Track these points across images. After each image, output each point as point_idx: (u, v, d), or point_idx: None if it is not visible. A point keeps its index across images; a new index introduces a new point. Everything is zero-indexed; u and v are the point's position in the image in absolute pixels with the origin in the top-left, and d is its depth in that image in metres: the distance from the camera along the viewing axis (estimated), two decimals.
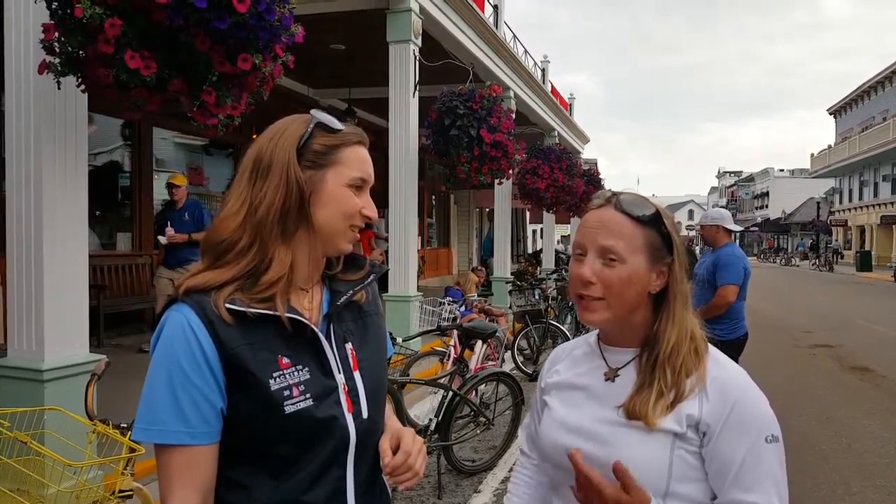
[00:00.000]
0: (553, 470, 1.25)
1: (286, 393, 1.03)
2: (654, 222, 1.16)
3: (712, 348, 1.20)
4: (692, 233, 44.80)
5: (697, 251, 12.82)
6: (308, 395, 1.05)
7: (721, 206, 6.15)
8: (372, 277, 1.20)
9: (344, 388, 1.11)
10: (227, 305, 1.02)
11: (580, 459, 1.10)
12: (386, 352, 1.26)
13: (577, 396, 1.23)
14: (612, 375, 1.20)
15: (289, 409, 1.03)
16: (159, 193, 8.80)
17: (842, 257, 36.61)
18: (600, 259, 1.15)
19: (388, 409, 1.24)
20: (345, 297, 1.15)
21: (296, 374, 1.05)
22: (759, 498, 1.07)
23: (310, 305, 1.13)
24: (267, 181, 1.07)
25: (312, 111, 1.13)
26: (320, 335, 1.09)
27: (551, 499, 1.28)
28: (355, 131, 1.14)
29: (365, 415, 1.13)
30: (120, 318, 7.20)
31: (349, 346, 1.14)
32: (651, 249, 1.15)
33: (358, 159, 1.12)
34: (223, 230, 1.06)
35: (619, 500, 1.06)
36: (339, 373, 1.11)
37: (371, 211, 1.13)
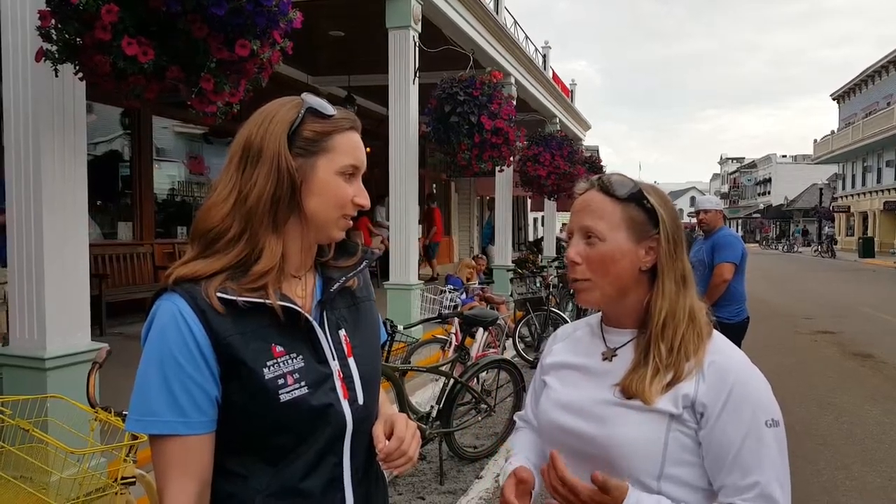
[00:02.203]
0: (549, 449, 1.26)
1: (280, 381, 1.02)
2: (635, 198, 1.16)
3: (716, 333, 1.19)
4: (693, 220, 44.58)
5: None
6: (303, 383, 1.04)
7: (717, 194, 6.21)
8: (364, 264, 1.19)
9: (339, 375, 1.10)
10: (219, 294, 1.00)
11: (560, 462, 1.10)
12: (379, 338, 1.25)
13: (575, 376, 1.24)
14: (609, 355, 1.20)
15: (284, 397, 1.02)
16: (160, 183, 8.79)
17: (835, 243, 36.49)
18: (584, 240, 1.17)
19: (382, 395, 1.23)
20: (337, 283, 1.13)
21: (290, 362, 1.04)
22: (758, 483, 1.05)
23: (302, 293, 1.12)
24: (257, 168, 1.04)
25: (304, 95, 1.11)
26: (314, 323, 1.08)
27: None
28: (347, 116, 1.11)
29: (361, 401, 1.12)
30: (122, 306, 7.21)
31: (342, 332, 1.14)
32: (632, 225, 1.16)
33: (350, 146, 1.10)
34: (212, 218, 1.04)
35: (594, 498, 1.07)
36: (334, 359, 1.10)
37: (363, 199, 1.12)
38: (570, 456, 1.16)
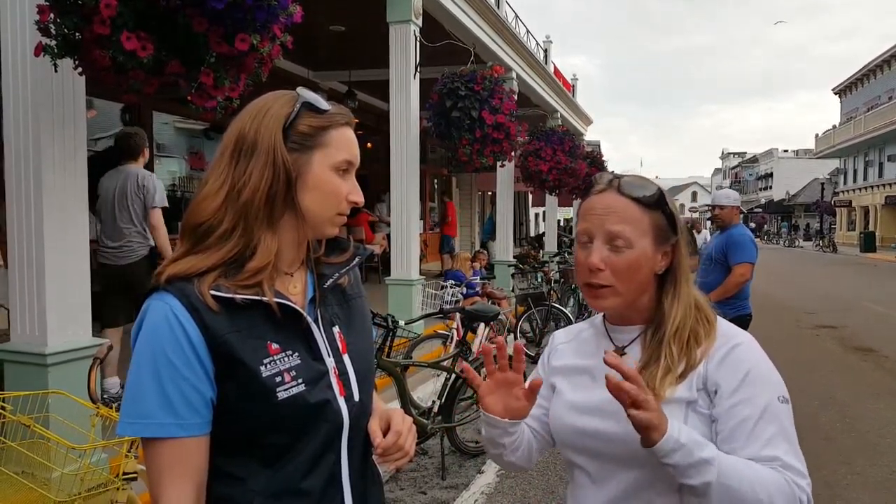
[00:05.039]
0: (569, 453, 1.25)
1: (278, 379, 1.00)
2: (659, 204, 1.16)
3: (719, 317, 1.20)
4: (695, 215, 44.60)
5: (707, 234, 12.63)
6: (300, 381, 1.02)
7: (727, 188, 6.17)
8: (357, 260, 1.18)
9: (334, 372, 1.09)
10: (213, 292, 0.98)
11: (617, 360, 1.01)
12: (371, 335, 1.24)
13: (586, 378, 1.23)
14: (619, 353, 1.19)
15: (282, 395, 1.00)
16: (161, 178, 8.74)
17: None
18: (607, 245, 1.14)
19: (374, 393, 1.23)
20: (331, 280, 1.12)
21: (286, 359, 1.02)
22: (778, 452, 1.06)
23: (295, 290, 1.10)
24: (251, 162, 1.02)
25: (298, 89, 1.09)
26: (309, 320, 1.07)
27: (571, 475, 1.28)
28: (342, 111, 1.10)
29: (356, 398, 1.11)
30: None
31: (336, 329, 1.12)
32: (657, 231, 1.15)
33: (345, 141, 1.08)
34: (203, 211, 1.02)
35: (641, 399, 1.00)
36: (329, 356, 1.09)
37: (357, 196, 1.10)
38: (593, 459, 1.15)
